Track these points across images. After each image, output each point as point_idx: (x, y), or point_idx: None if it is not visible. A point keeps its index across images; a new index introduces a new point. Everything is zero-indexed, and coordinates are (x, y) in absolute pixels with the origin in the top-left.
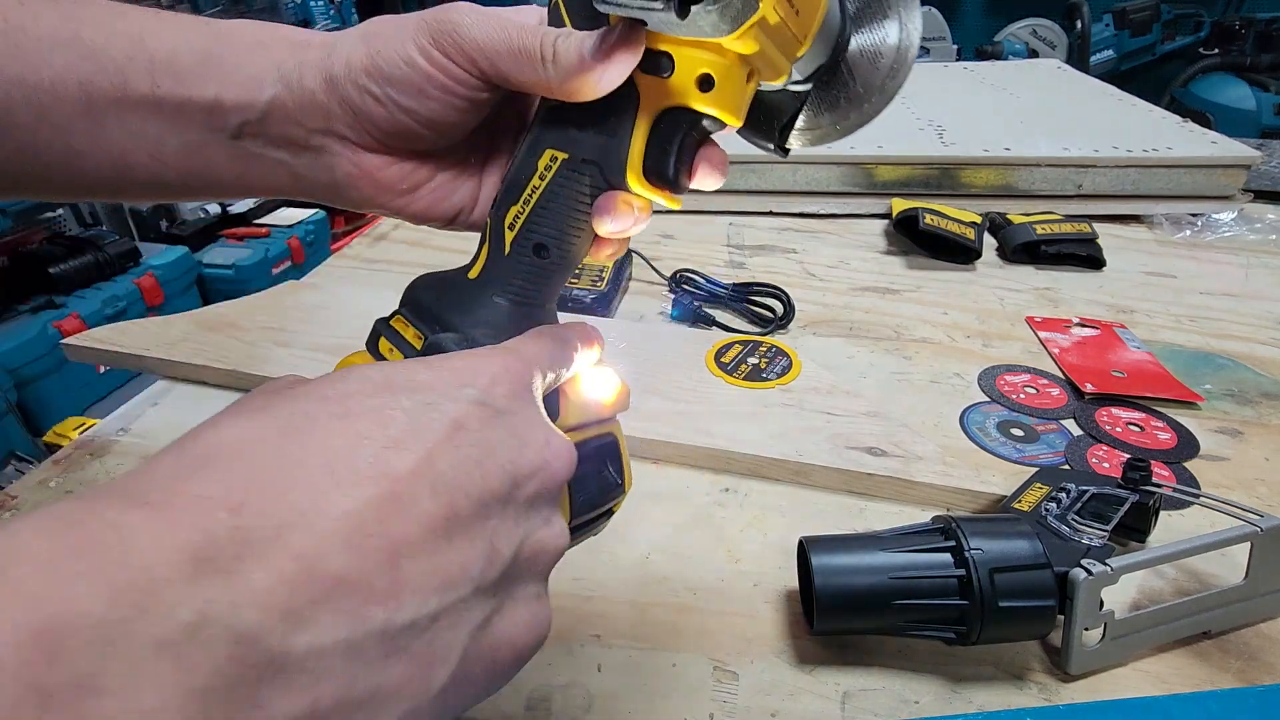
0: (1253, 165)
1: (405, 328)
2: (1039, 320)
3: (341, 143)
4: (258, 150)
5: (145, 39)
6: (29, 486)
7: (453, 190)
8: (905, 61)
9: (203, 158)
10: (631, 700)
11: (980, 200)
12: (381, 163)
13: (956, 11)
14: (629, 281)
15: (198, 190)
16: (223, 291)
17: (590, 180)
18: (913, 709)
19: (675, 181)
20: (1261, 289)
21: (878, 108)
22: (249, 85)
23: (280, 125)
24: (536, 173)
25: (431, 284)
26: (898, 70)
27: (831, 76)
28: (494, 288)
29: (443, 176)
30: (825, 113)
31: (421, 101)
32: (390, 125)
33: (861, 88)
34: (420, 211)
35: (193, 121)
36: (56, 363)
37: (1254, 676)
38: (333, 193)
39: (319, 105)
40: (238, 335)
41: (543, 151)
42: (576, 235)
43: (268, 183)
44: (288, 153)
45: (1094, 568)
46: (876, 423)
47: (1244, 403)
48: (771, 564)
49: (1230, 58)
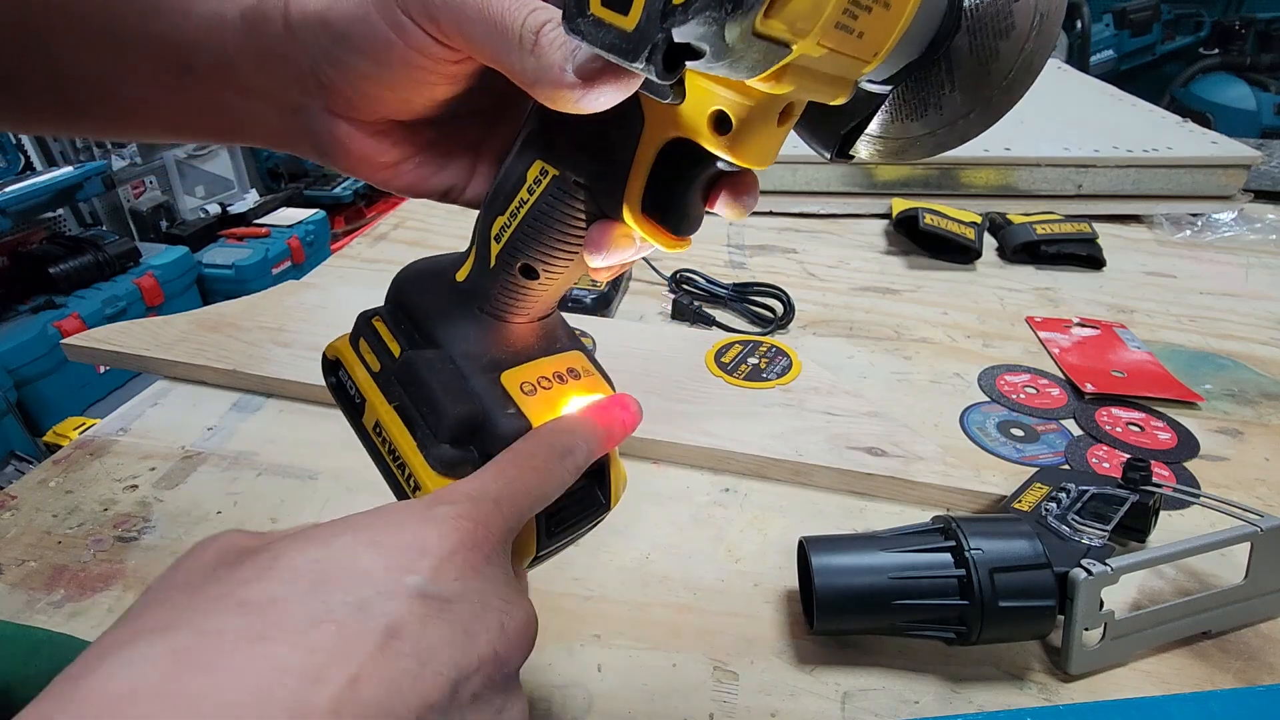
0: (1253, 165)
1: (386, 332)
2: (1039, 320)
3: (313, 103)
4: (227, 98)
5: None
6: (29, 486)
7: (441, 167)
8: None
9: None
10: (631, 700)
11: (980, 200)
12: (357, 132)
13: None
14: (629, 281)
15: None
16: (223, 291)
17: (583, 205)
18: (913, 709)
19: (679, 225)
20: (1261, 289)
21: (993, 115)
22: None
23: (247, 73)
24: (525, 184)
25: (421, 279)
26: (1029, 59)
27: (926, 74)
28: (478, 300)
29: (431, 153)
30: (914, 119)
31: (381, 70)
32: (353, 93)
33: (968, 88)
34: (404, 186)
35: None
36: (56, 363)
37: (1254, 676)
38: (313, 152)
39: (281, 53)
40: (238, 335)
41: (532, 161)
42: (567, 261)
43: (240, 130)
44: (262, 104)
45: (1094, 568)
46: (876, 423)
47: (1244, 403)
48: (771, 564)
49: (1230, 58)
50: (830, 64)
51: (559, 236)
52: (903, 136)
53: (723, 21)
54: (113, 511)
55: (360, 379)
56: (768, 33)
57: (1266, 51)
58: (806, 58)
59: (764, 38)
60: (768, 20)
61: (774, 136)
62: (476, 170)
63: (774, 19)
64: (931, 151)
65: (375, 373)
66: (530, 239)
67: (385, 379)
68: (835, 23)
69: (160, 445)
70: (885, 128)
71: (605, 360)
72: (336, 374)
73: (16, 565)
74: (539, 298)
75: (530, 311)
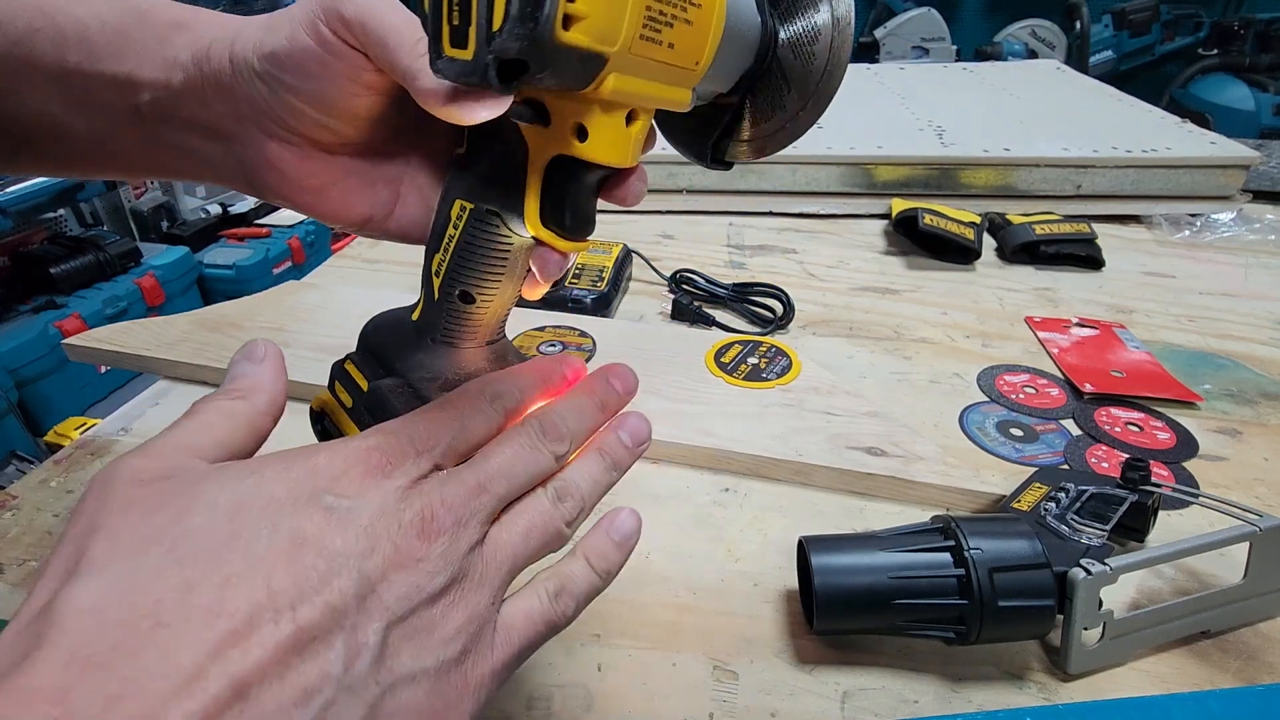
0: (1251, 165)
1: (355, 371)
2: (1038, 320)
3: (249, 131)
4: (169, 135)
5: (52, 11)
6: (30, 486)
7: (363, 195)
8: (844, 43)
9: (111, 137)
10: (631, 700)
11: (980, 200)
12: (288, 155)
13: (956, 12)
14: (629, 281)
15: (104, 169)
16: (223, 291)
17: (498, 229)
18: (912, 709)
19: (574, 228)
20: (1260, 289)
21: (821, 104)
22: (163, 65)
23: (191, 108)
24: (451, 221)
25: (382, 325)
26: (835, 61)
27: (765, 81)
28: (430, 331)
29: (354, 180)
30: (765, 120)
31: (303, 79)
32: (280, 108)
33: (799, 86)
34: (328, 212)
35: (102, 97)
36: (57, 363)
37: (1253, 676)
38: (244, 183)
39: (225, 87)
40: (238, 335)
41: (453, 201)
42: (497, 282)
43: (179, 167)
44: (200, 138)
45: (1093, 567)
46: (876, 423)
47: (1243, 403)
48: (771, 564)
49: (1229, 58)
50: (657, 72)
51: (484, 259)
52: (760, 136)
53: (528, 35)
54: None
55: (339, 417)
56: (574, 43)
57: (1265, 52)
58: (625, 66)
59: (573, 47)
60: (568, 32)
61: (627, 136)
62: (399, 201)
63: (574, 30)
64: (785, 143)
65: (349, 408)
66: (462, 266)
67: (357, 411)
68: (638, 35)
69: None
70: (746, 131)
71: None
72: (322, 422)
73: (17, 565)
74: (481, 321)
75: (477, 335)
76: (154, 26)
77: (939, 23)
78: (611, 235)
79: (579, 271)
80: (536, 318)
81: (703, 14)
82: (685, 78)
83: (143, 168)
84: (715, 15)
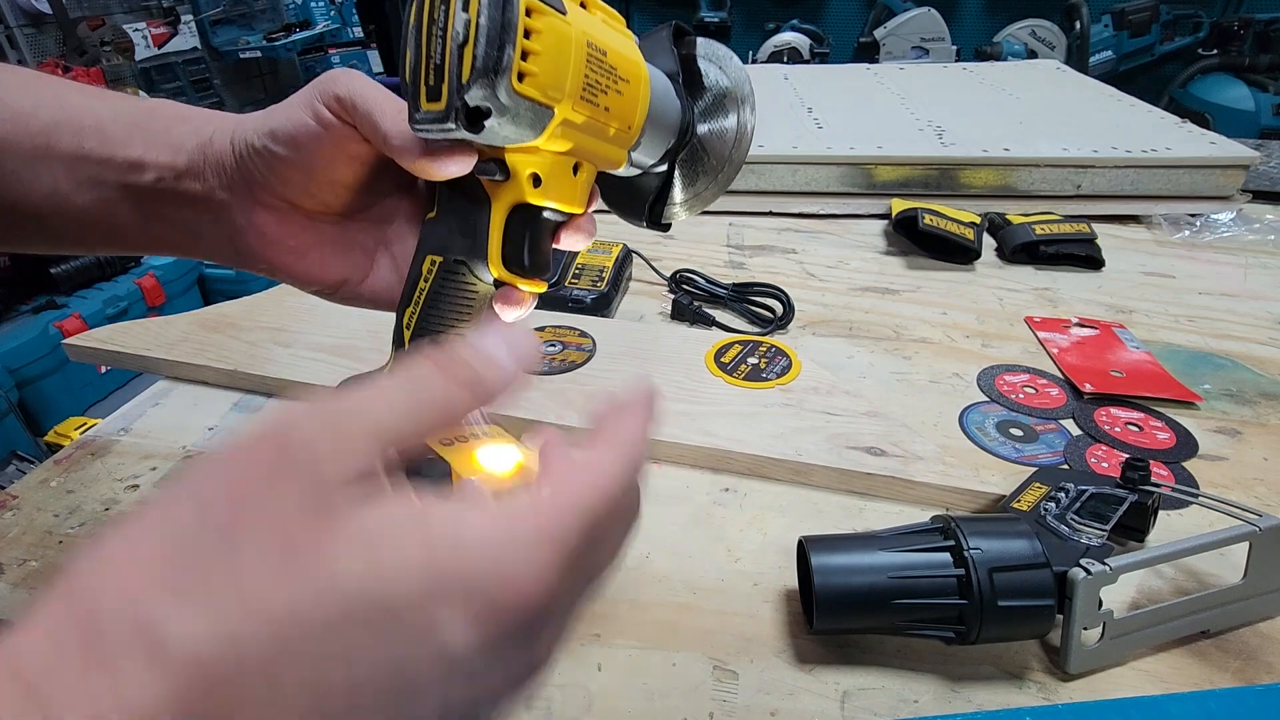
0: (1251, 165)
1: None
2: (1038, 320)
3: (239, 198)
4: (166, 209)
5: (73, 110)
6: (30, 486)
7: (340, 259)
8: (744, 138)
9: (111, 213)
10: (631, 700)
11: (979, 200)
12: (273, 219)
13: (956, 12)
14: (629, 281)
15: (100, 244)
16: (224, 292)
17: (464, 277)
18: (912, 708)
19: (532, 268)
20: (1260, 289)
21: (730, 176)
22: (169, 149)
23: (189, 183)
24: (422, 276)
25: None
26: (739, 145)
27: (691, 156)
28: None
29: (332, 245)
30: (690, 186)
31: (297, 150)
32: (273, 176)
33: (715, 160)
34: (307, 274)
35: (110, 177)
36: (58, 363)
37: (1253, 676)
38: (229, 249)
39: (224, 164)
40: (238, 335)
41: (424, 257)
42: (463, 328)
43: (170, 240)
44: (193, 210)
45: (1093, 567)
46: (876, 423)
47: (1242, 403)
48: (771, 564)
49: (1229, 58)
50: (597, 130)
51: (450, 306)
52: (690, 198)
53: (492, 84)
54: (114, 511)
55: None
56: (527, 94)
57: (1265, 52)
58: (570, 121)
59: (526, 98)
60: (523, 84)
61: (575, 185)
62: (373, 267)
63: (527, 83)
64: (709, 201)
65: None
66: (431, 315)
67: None
68: (579, 95)
69: (161, 445)
70: (678, 194)
71: (605, 360)
72: None
73: (18, 565)
74: None
75: None
76: (163, 119)
77: (939, 23)
78: (612, 235)
79: (579, 271)
80: (537, 318)
81: (630, 88)
82: (621, 138)
83: (137, 243)
84: (641, 89)
